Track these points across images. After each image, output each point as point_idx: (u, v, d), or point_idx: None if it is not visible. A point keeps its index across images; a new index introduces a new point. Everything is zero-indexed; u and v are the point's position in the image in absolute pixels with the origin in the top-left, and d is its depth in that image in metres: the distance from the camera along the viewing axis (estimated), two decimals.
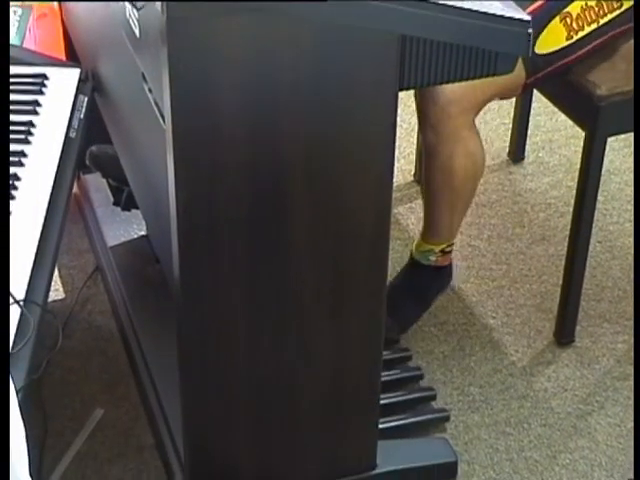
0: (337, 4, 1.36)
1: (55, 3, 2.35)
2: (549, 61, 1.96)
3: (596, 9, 1.97)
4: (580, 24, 1.96)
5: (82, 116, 1.93)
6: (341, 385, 1.75)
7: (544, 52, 1.94)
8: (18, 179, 1.71)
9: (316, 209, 1.55)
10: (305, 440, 1.79)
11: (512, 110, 2.73)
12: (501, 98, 2.13)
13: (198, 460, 1.75)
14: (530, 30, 1.45)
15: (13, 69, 2.00)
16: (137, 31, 1.57)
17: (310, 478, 1.83)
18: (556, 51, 1.96)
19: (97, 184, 2.44)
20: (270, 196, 1.51)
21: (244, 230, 1.53)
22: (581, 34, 1.97)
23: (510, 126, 2.76)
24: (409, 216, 2.57)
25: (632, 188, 2.62)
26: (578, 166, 2.08)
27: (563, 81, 2.02)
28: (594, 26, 1.97)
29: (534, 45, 1.92)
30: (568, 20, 1.94)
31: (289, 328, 1.65)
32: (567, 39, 1.96)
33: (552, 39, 1.95)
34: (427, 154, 2.06)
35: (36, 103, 1.92)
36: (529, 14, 1.86)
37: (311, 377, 1.71)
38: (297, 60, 1.42)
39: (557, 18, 1.93)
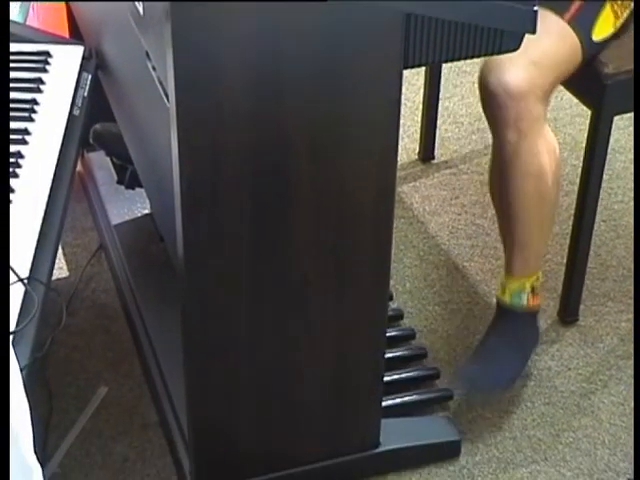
0: None
1: None
2: (601, 47, 1.94)
3: None
4: (622, 10, 1.94)
5: (86, 94, 1.92)
6: (345, 364, 1.75)
7: (599, 39, 1.92)
8: (22, 157, 1.71)
9: (319, 187, 1.55)
10: (308, 418, 1.79)
11: None
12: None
13: (202, 437, 1.76)
14: (536, 8, 1.44)
15: (16, 47, 2.00)
16: (141, 9, 1.56)
17: (313, 456, 1.84)
18: (608, 38, 1.94)
19: (101, 162, 2.44)
20: (273, 174, 1.51)
21: (247, 208, 1.53)
22: (621, 20, 1.96)
23: None
24: (413, 195, 2.56)
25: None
26: (583, 145, 2.07)
27: None
28: (628, 11, 1.96)
29: (591, 32, 1.90)
30: (615, 6, 1.92)
31: (293, 307, 1.65)
32: (613, 25, 1.94)
33: (605, 26, 1.92)
34: (508, 159, 1.87)
35: (40, 81, 1.91)
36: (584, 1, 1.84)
37: (314, 356, 1.72)
38: (301, 39, 1.42)
39: (608, 4, 1.91)
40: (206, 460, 1.78)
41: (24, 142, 1.75)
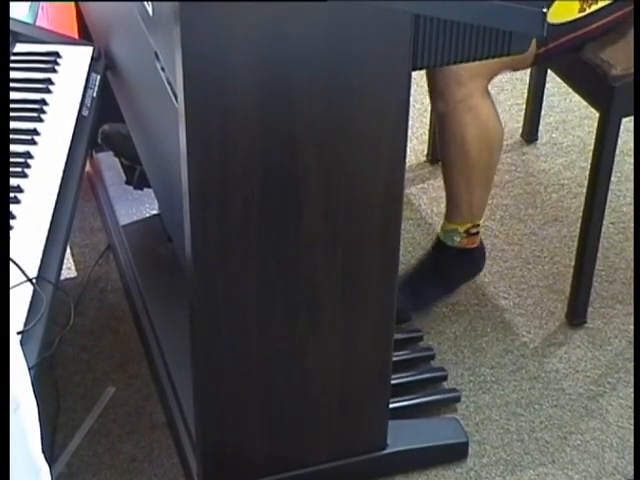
0: None
1: None
2: (561, 32, 1.94)
3: None
4: None
5: (95, 94, 1.93)
6: (352, 365, 1.75)
7: (556, 22, 1.91)
8: (31, 157, 1.71)
9: (328, 189, 1.55)
10: (316, 419, 1.79)
11: (525, 90, 2.71)
12: (513, 69, 2.08)
13: (209, 438, 1.76)
14: (545, 10, 1.44)
15: (26, 47, 2.00)
16: (150, 9, 1.56)
17: (321, 457, 1.84)
18: (568, 22, 1.94)
19: (109, 163, 2.45)
20: (282, 175, 1.51)
21: (255, 209, 1.53)
22: (594, 7, 1.95)
23: (523, 107, 2.75)
24: (421, 197, 2.56)
25: None
26: (592, 147, 2.07)
27: (577, 60, 2.01)
28: (608, 1, 1.95)
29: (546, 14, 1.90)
30: None
31: (300, 307, 1.65)
32: (580, 11, 1.94)
33: (565, 10, 1.92)
34: (439, 124, 2.03)
35: (49, 81, 1.92)
36: None
37: (322, 357, 1.71)
38: (310, 39, 1.42)
39: None
40: (213, 461, 1.78)
41: (33, 142, 1.75)
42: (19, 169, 1.67)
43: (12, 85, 1.84)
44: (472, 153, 2.01)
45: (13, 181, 1.63)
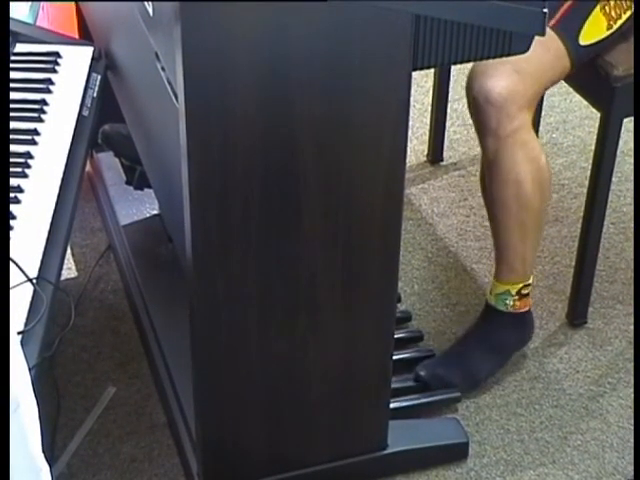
0: None
1: None
2: (593, 52, 1.93)
3: None
4: (618, 12, 1.92)
5: (95, 95, 1.93)
6: (352, 365, 1.75)
7: (587, 43, 1.90)
8: (31, 157, 1.71)
9: (328, 189, 1.55)
10: (316, 419, 1.79)
11: None
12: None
13: (210, 439, 1.76)
14: (545, 10, 1.44)
15: (26, 47, 2.00)
16: (150, 9, 1.56)
17: (321, 458, 1.84)
18: (599, 41, 1.93)
19: (110, 163, 2.45)
20: (282, 175, 1.51)
21: (256, 209, 1.53)
22: (619, 22, 1.94)
23: None
24: (422, 196, 2.56)
25: None
26: (592, 147, 2.07)
27: None
28: (629, 13, 1.95)
29: (578, 37, 1.88)
30: (607, 9, 1.91)
31: (301, 307, 1.65)
32: (607, 28, 1.92)
33: (595, 30, 1.90)
34: (489, 165, 1.91)
35: (49, 81, 1.92)
36: (571, 5, 1.85)
37: (323, 358, 1.71)
38: (310, 39, 1.42)
39: (598, 7, 1.90)
40: (213, 461, 1.78)
41: (33, 142, 1.75)
42: (19, 169, 1.67)
43: (12, 85, 1.84)
44: (527, 193, 1.90)
45: (13, 181, 1.63)
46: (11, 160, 1.65)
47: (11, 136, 1.70)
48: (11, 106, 1.75)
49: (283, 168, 1.51)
